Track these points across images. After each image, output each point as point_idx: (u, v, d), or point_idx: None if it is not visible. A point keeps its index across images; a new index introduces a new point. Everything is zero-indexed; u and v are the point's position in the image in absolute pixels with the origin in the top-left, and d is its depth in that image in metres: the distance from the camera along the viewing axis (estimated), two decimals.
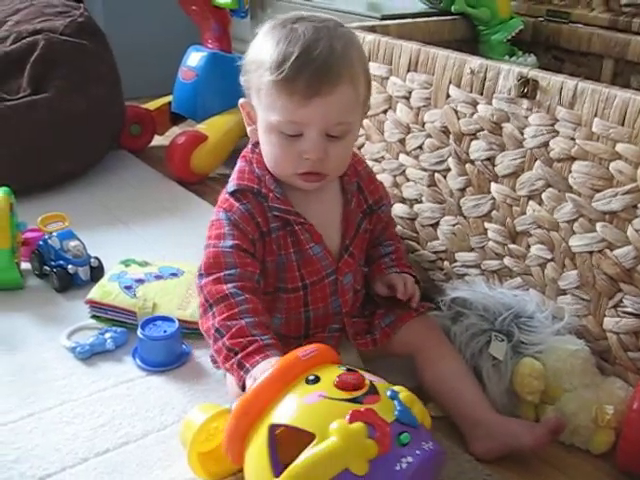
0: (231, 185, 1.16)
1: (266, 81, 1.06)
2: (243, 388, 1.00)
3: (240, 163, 1.19)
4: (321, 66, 1.04)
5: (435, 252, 1.44)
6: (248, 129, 1.18)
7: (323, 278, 1.19)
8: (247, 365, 1.00)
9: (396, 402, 0.88)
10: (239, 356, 1.01)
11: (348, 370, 0.92)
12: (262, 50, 1.08)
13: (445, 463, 0.97)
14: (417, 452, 0.84)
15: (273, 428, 0.88)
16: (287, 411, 0.88)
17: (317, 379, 0.90)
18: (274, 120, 1.08)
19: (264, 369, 0.94)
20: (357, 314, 1.28)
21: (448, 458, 1.09)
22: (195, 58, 2.18)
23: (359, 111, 1.14)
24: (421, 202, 1.43)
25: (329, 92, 1.05)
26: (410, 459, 0.83)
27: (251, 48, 1.12)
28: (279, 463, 0.85)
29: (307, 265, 1.17)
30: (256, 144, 1.18)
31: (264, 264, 1.16)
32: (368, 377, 0.92)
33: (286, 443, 0.87)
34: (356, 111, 1.12)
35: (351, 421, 0.83)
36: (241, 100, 1.16)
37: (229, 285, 1.08)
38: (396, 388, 0.91)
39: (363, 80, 1.12)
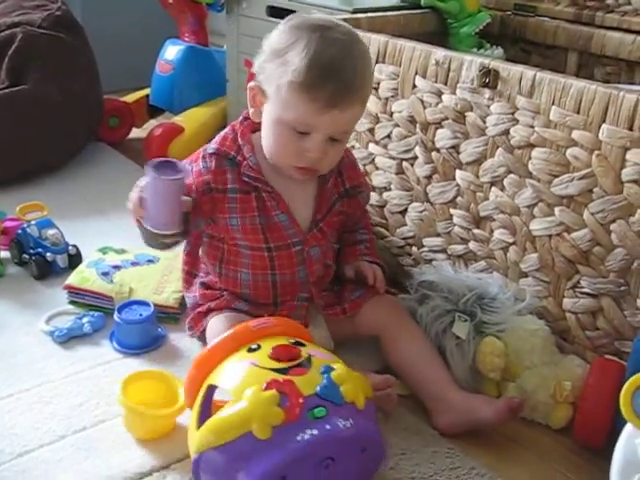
0: (211, 147, 1.25)
1: (290, 81, 1.12)
2: None
3: (226, 130, 1.28)
4: (345, 83, 1.12)
5: (403, 238, 1.48)
6: (250, 110, 1.23)
7: (289, 246, 1.26)
8: None
9: (325, 377, 0.92)
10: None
11: (295, 343, 0.99)
12: (290, 49, 1.13)
13: (383, 454, 0.98)
14: (327, 426, 0.87)
15: (210, 387, 0.97)
16: (221, 374, 0.97)
17: (258, 348, 0.98)
18: (288, 117, 1.14)
19: None
20: (327, 288, 1.34)
21: (413, 433, 1.15)
22: (172, 51, 2.22)
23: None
24: (390, 190, 1.48)
25: (346, 108, 1.13)
26: (315, 432, 0.86)
27: (273, 39, 1.17)
28: (206, 418, 0.93)
29: (272, 230, 1.25)
30: (246, 118, 1.25)
31: (217, 219, 1.25)
32: (312, 352, 0.98)
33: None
34: (358, 121, 1.23)
35: (266, 389, 0.88)
36: (251, 83, 1.21)
37: None
38: (335, 366, 0.95)
39: (369, 95, 1.23)
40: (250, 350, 0.98)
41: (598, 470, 1.09)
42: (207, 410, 0.95)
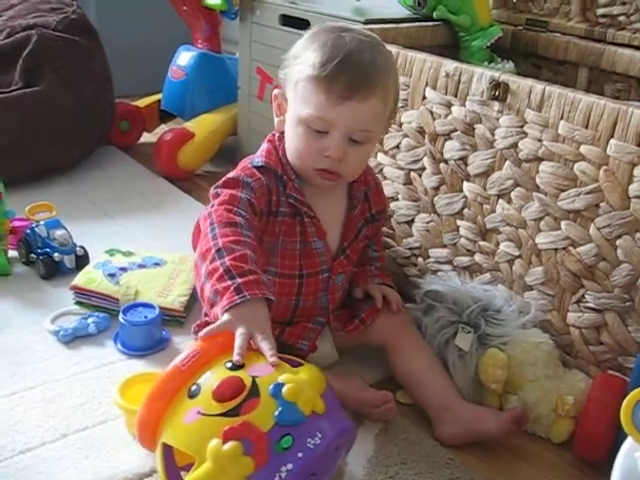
0: (258, 160, 1.21)
1: (306, 75, 1.12)
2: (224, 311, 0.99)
3: (266, 145, 1.24)
4: (361, 74, 1.11)
5: (410, 248, 1.49)
6: (276, 120, 1.23)
7: (318, 273, 1.24)
8: (245, 293, 0.98)
9: (278, 401, 0.86)
10: (240, 280, 0.99)
11: (232, 367, 0.91)
12: (307, 49, 1.14)
13: (355, 436, 0.96)
14: (299, 454, 0.83)
15: (165, 447, 0.90)
16: (172, 431, 0.89)
17: (198, 390, 0.89)
18: (305, 114, 1.13)
19: (249, 313, 0.98)
20: (339, 306, 1.33)
21: (414, 443, 1.15)
22: (185, 57, 2.23)
23: (383, 124, 1.20)
24: (397, 200, 1.48)
25: (362, 99, 1.11)
26: (290, 466, 0.82)
27: (295, 46, 1.18)
28: (178, 478, 0.89)
29: (307, 257, 1.23)
30: (282, 134, 1.22)
31: (261, 241, 1.19)
32: (253, 372, 0.90)
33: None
34: (380, 124, 1.19)
35: (225, 441, 0.82)
36: (275, 91, 1.22)
37: (240, 218, 1.10)
38: (282, 379, 0.88)
39: (393, 97, 1.19)
40: (190, 395, 0.90)
41: None
42: (175, 473, 0.91)
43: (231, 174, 1.19)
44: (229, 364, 0.91)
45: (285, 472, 0.82)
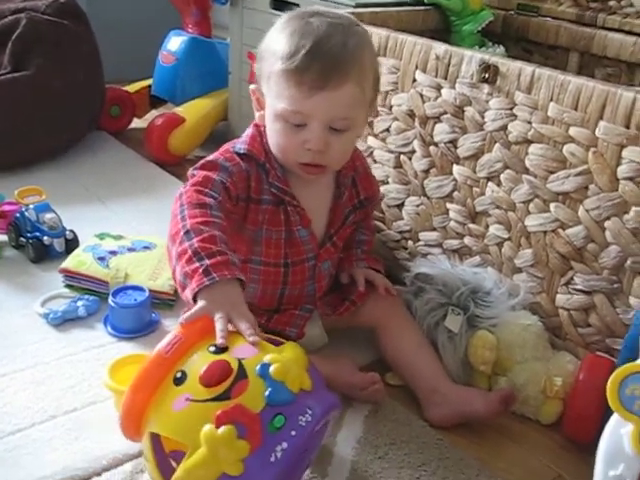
0: (241, 147, 1.18)
1: (277, 70, 1.09)
2: (194, 299, 0.98)
3: (252, 130, 1.21)
4: (331, 61, 1.07)
5: (400, 232, 1.49)
6: (257, 114, 1.20)
7: (304, 261, 1.24)
8: (214, 274, 0.97)
9: (266, 381, 0.86)
10: (208, 262, 0.97)
11: (216, 351, 0.90)
12: (276, 40, 1.11)
13: (339, 409, 0.96)
14: (292, 433, 0.83)
15: (153, 436, 0.89)
16: (161, 420, 0.88)
17: (184, 376, 0.88)
18: (280, 108, 1.10)
19: (221, 295, 0.96)
20: (327, 292, 1.32)
21: (404, 424, 1.16)
22: (175, 42, 2.23)
23: (364, 109, 1.16)
24: (387, 183, 1.48)
25: (336, 87, 1.07)
26: (285, 445, 0.82)
27: (266, 38, 1.15)
28: (168, 466, 0.88)
29: (292, 245, 1.22)
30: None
31: (243, 229, 1.19)
32: (238, 354, 0.89)
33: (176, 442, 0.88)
34: (361, 109, 1.14)
35: (218, 425, 0.82)
36: (252, 86, 1.19)
37: (210, 199, 1.08)
38: (267, 359, 0.88)
39: (372, 80, 1.15)
40: (176, 382, 0.88)
41: (586, 465, 1.08)
42: (165, 461, 0.89)
43: (210, 157, 1.17)
44: (212, 348, 0.90)
45: (280, 451, 0.82)
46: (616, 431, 0.80)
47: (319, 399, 0.89)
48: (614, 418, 0.80)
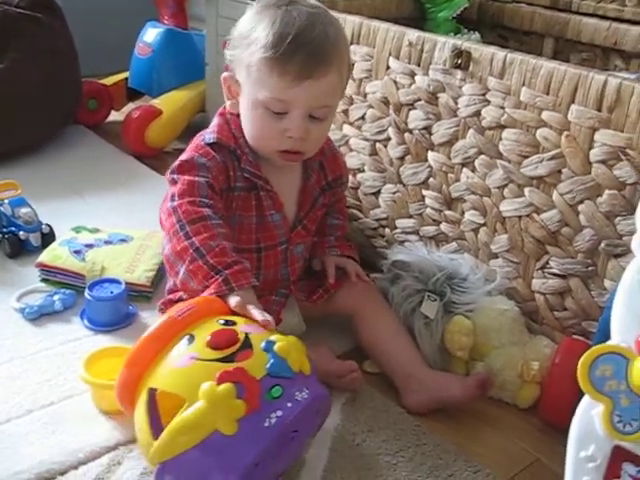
0: (210, 136, 1.19)
1: (258, 58, 1.09)
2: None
3: (218, 119, 1.22)
4: (316, 51, 1.08)
5: (377, 219, 1.49)
6: (227, 103, 1.21)
7: (276, 245, 1.24)
8: (233, 284, 1.05)
9: (270, 355, 0.90)
10: (227, 272, 1.05)
11: (225, 323, 0.95)
12: (255, 28, 1.11)
13: (330, 409, 1.01)
14: (288, 404, 0.87)
15: (152, 391, 0.91)
16: (162, 375, 0.91)
17: (192, 339, 0.93)
18: (262, 96, 1.11)
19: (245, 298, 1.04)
20: (302, 277, 1.33)
21: (381, 411, 1.15)
22: (151, 34, 2.21)
23: (340, 93, 1.19)
24: (363, 171, 1.48)
25: (320, 76, 1.09)
26: (280, 413, 0.86)
27: (240, 25, 1.15)
28: (159, 424, 0.89)
29: (264, 230, 1.22)
30: (237, 115, 1.20)
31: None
32: (245, 329, 0.94)
33: (171, 402, 0.90)
34: (338, 94, 1.17)
35: (219, 383, 0.85)
36: (224, 74, 1.19)
37: (206, 209, 1.11)
38: (273, 338, 0.93)
39: (347, 64, 1.18)
40: (184, 343, 0.93)
41: (563, 448, 1.09)
42: (157, 417, 0.90)
43: (184, 156, 1.18)
44: (222, 321, 0.96)
45: (275, 418, 0.85)
46: (587, 412, 0.80)
47: (315, 384, 0.93)
48: (585, 399, 0.80)
